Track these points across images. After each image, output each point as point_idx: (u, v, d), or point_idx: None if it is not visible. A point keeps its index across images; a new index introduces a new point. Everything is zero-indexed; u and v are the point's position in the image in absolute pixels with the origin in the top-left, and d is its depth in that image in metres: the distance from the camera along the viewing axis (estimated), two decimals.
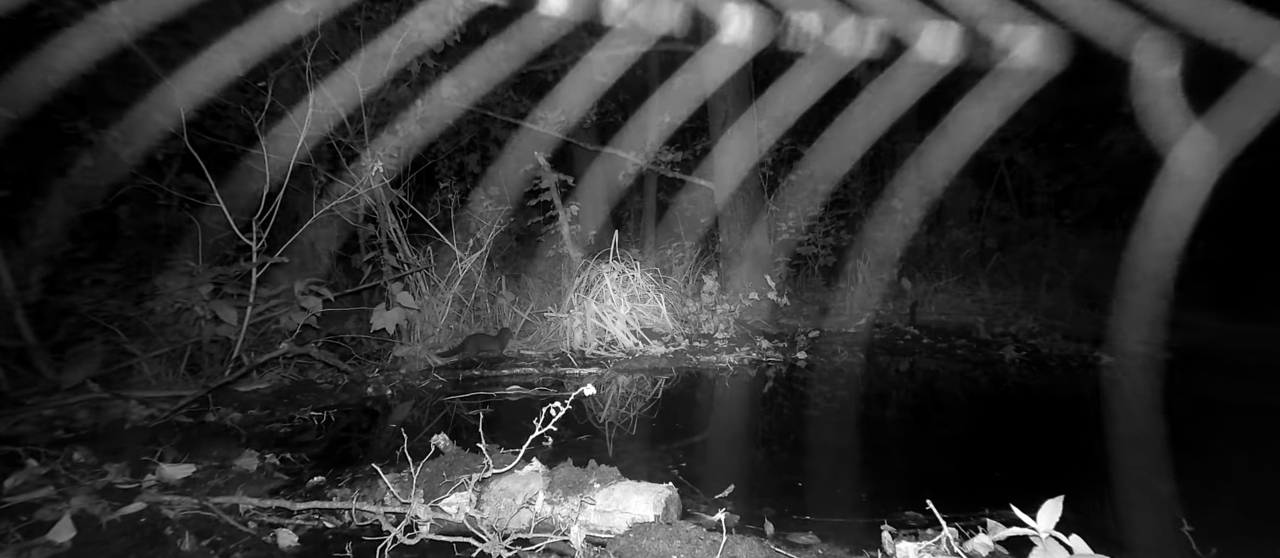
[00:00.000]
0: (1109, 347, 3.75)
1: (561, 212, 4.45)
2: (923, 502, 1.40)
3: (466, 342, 3.63)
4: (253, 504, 1.64)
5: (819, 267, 6.12)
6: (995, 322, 4.70)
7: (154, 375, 2.92)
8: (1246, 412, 2.77)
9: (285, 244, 3.16)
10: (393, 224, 3.90)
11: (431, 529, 1.47)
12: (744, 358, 3.66)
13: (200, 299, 2.95)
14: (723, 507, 1.67)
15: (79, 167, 3.27)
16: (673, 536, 1.33)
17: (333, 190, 3.61)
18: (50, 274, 3.14)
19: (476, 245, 4.06)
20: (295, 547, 1.49)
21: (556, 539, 1.43)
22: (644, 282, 4.23)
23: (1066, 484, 1.25)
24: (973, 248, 6.48)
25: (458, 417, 2.63)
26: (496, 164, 5.40)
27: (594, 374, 3.32)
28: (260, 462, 2.00)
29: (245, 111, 3.32)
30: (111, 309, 3.12)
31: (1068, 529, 1.17)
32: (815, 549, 1.45)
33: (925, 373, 3.53)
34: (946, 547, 1.31)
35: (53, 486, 1.74)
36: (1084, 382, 3.28)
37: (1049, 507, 1.18)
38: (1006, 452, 2.38)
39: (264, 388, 2.93)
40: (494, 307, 4.16)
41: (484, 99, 4.77)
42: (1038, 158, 6.68)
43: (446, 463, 1.70)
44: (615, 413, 2.69)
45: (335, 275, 4.39)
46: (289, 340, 3.12)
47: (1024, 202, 6.97)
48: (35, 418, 2.39)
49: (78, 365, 2.73)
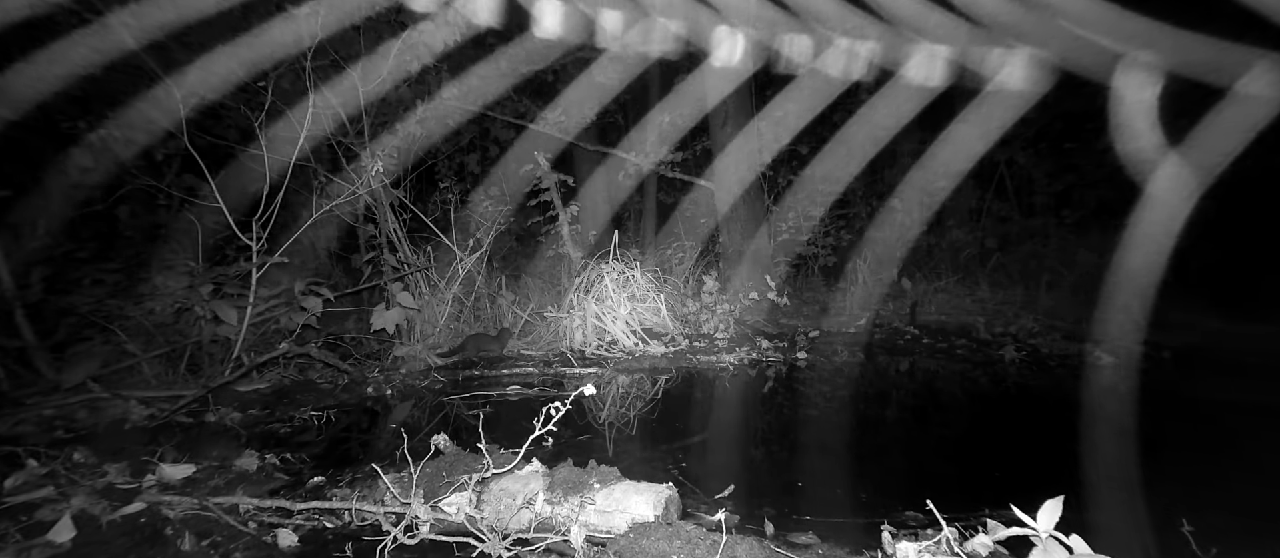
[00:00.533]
0: (1109, 347, 3.75)
1: (561, 212, 4.45)
2: (923, 502, 1.40)
3: (466, 342, 3.63)
4: (253, 504, 1.64)
5: (819, 267, 6.12)
6: (995, 322, 4.70)
7: (154, 375, 2.92)
8: (1246, 412, 2.77)
9: (285, 244, 3.16)
10: (393, 224, 3.90)
11: (431, 529, 1.47)
12: (744, 358, 3.66)
13: (200, 299, 2.95)
14: (723, 507, 1.67)
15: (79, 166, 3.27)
16: (673, 536, 1.33)
17: (333, 190, 3.61)
18: (50, 274, 3.14)
19: (476, 245, 4.06)
20: (295, 547, 1.49)
21: (556, 539, 1.43)
22: (644, 282, 4.23)
23: (1066, 484, 1.25)
24: (973, 248, 6.48)
25: (458, 417, 2.63)
26: (496, 164, 5.41)
27: (594, 374, 3.32)
28: (260, 462, 2.00)
29: (245, 111, 3.32)
30: (111, 309, 3.12)
31: (1068, 529, 1.17)
32: (815, 549, 1.45)
33: (925, 373, 3.53)
34: (946, 547, 1.31)
35: (53, 486, 1.74)
36: (1084, 382, 3.28)
37: (1049, 507, 1.18)
38: (1006, 452, 2.38)
39: (264, 388, 2.93)
40: (494, 307, 4.16)
41: (484, 100, 4.77)
42: (1038, 158, 6.67)
43: (446, 463, 1.70)
44: (615, 413, 2.69)
45: (335, 275, 4.39)
46: (289, 340, 3.13)
47: (1024, 202, 6.97)
48: (35, 418, 2.39)
49: (78, 365, 2.73)
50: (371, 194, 3.67)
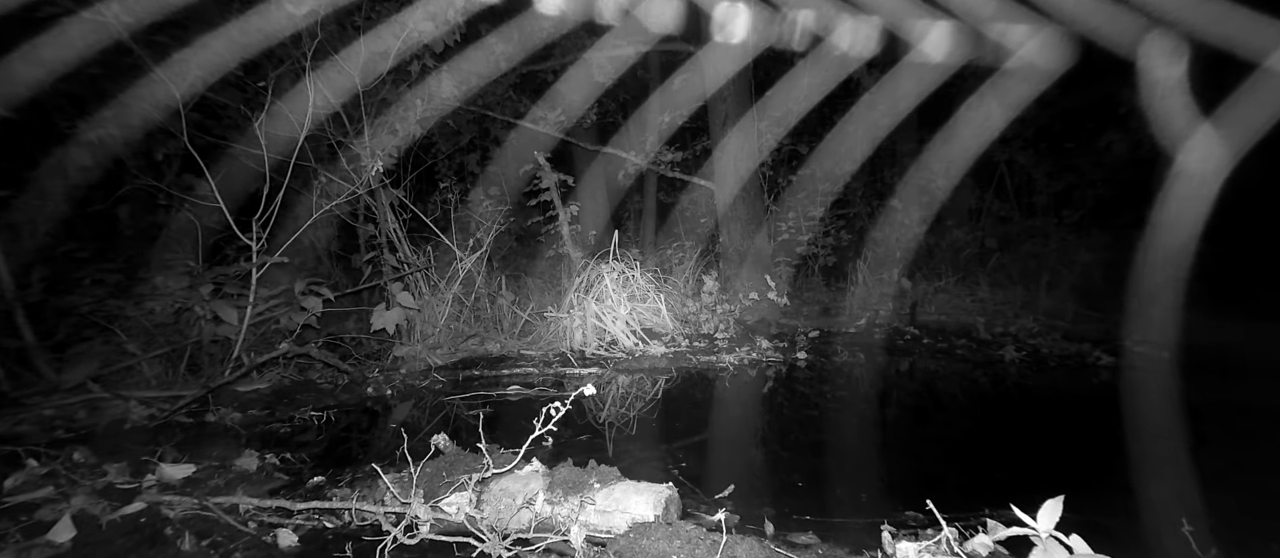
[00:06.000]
0: (1109, 347, 3.75)
1: (561, 212, 4.45)
2: (923, 502, 1.40)
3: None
4: (253, 504, 1.64)
5: (819, 267, 6.12)
6: (995, 322, 4.70)
7: (154, 375, 2.92)
8: (1246, 412, 2.77)
9: (285, 244, 3.16)
10: (393, 224, 3.90)
11: (431, 529, 1.47)
12: (744, 358, 3.66)
13: (200, 299, 2.95)
14: (723, 507, 1.67)
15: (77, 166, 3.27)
16: (673, 536, 1.33)
17: (333, 190, 3.61)
18: (50, 274, 3.13)
19: (476, 245, 4.06)
20: (295, 547, 1.49)
21: (556, 539, 1.43)
22: (644, 282, 4.23)
23: (1066, 484, 1.25)
24: (973, 248, 6.48)
25: (458, 417, 2.63)
26: (496, 164, 5.41)
27: (594, 374, 3.32)
28: (260, 462, 2.00)
29: (245, 111, 3.32)
30: (111, 309, 3.12)
31: (1068, 529, 1.17)
32: (815, 549, 1.45)
33: (925, 373, 3.53)
34: (946, 547, 1.31)
35: (53, 486, 1.74)
36: (1084, 382, 3.28)
37: (1049, 507, 1.18)
38: (1006, 452, 2.38)
39: (264, 388, 2.93)
40: (494, 307, 4.16)
41: (484, 99, 4.77)
42: (1038, 158, 6.67)
43: (446, 463, 1.70)
44: (615, 413, 2.69)
45: (335, 275, 4.39)
46: (289, 340, 3.12)
47: (1024, 202, 6.97)
48: (35, 418, 2.39)
49: (78, 365, 2.73)
50: (371, 194, 3.67)
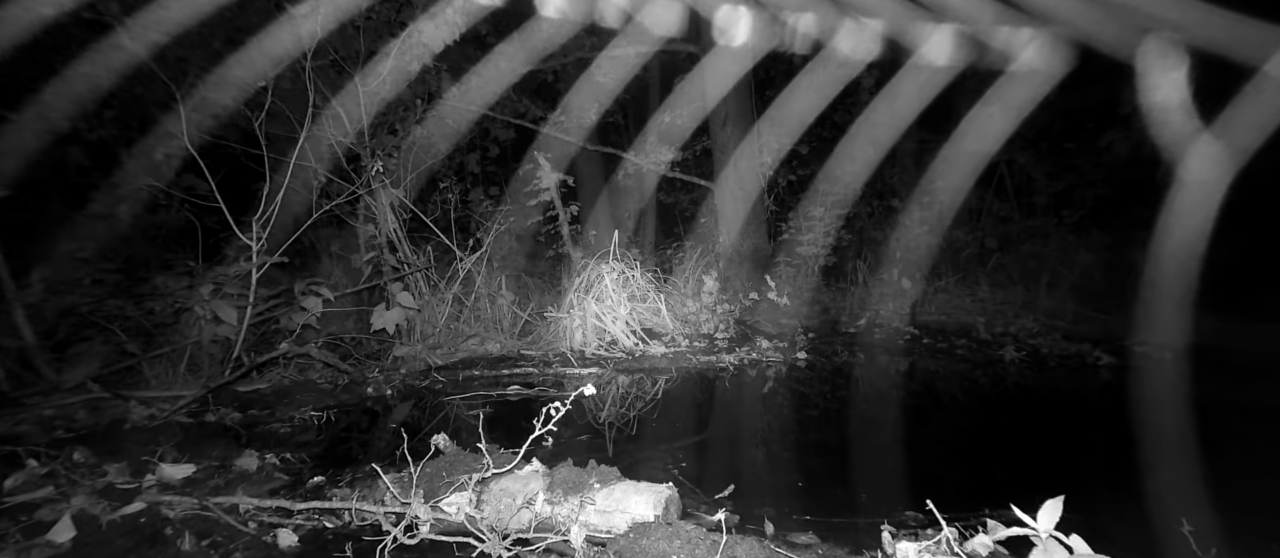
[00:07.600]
0: (1109, 347, 3.75)
1: (561, 211, 4.45)
2: (923, 502, 1.40)
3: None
4: (253, 504, 1.64)
5: (819, 267, 6.12)
6: (995, 322, 4.70)
7: (154, 375, 2.92)
8: (1246, 412, 2.77)
9: (285, 244, 3.16)
10: (393, 224, 3.90)
11: (431, 529, 1.47)
12: (744, 358, 3.66)
13: (200, 299, 2.95)
14: (723, 507, 1.67)
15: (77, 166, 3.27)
16: (673, 536, 1.33)
17: (333, 190, 3.60)
18: (50, 274, 3.13)
19: (476, 245, 4.06)
20: (295, 547, 1.49)
21: (556, 539, 1.43)
22: (644, 282, 4.23)
23: (1066, 484, 1.25)
24: (973, 248, 6.48)
25: (458, 417, 2.63)
26: (496, 164, 5.41)
27: (594, 374, 3.32)
28: (260, 462, 2.00)
29: (245, 111, 3.32)
30: (111, 309, 3.12)
31: (1068, 529, 1.17)
32: (815, 549, 1.45)
33: (925, 373, 3.53)
34: (946, 547, 1.31)
35: (53, 486, 1.74)
36: (1084, 382, 3.28)
37: (1049, 507, 1.18)
38: (1006, 452, 2.38)
39: (264, 388, 2.93)
40: (494, 307, 4.16)
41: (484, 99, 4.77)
42: (1038, 158, 6.67)
43: (446, 463, 1.70)
44: (615, 413, 2.69)
45: (335, 275, 4.39)
46: (289, 340, 3.12)
47: (1024, 202, 6.97)
48: (35, 418, 2.39)
49: (78, 365, 2.73)
50: (371, 194, 3.67)
